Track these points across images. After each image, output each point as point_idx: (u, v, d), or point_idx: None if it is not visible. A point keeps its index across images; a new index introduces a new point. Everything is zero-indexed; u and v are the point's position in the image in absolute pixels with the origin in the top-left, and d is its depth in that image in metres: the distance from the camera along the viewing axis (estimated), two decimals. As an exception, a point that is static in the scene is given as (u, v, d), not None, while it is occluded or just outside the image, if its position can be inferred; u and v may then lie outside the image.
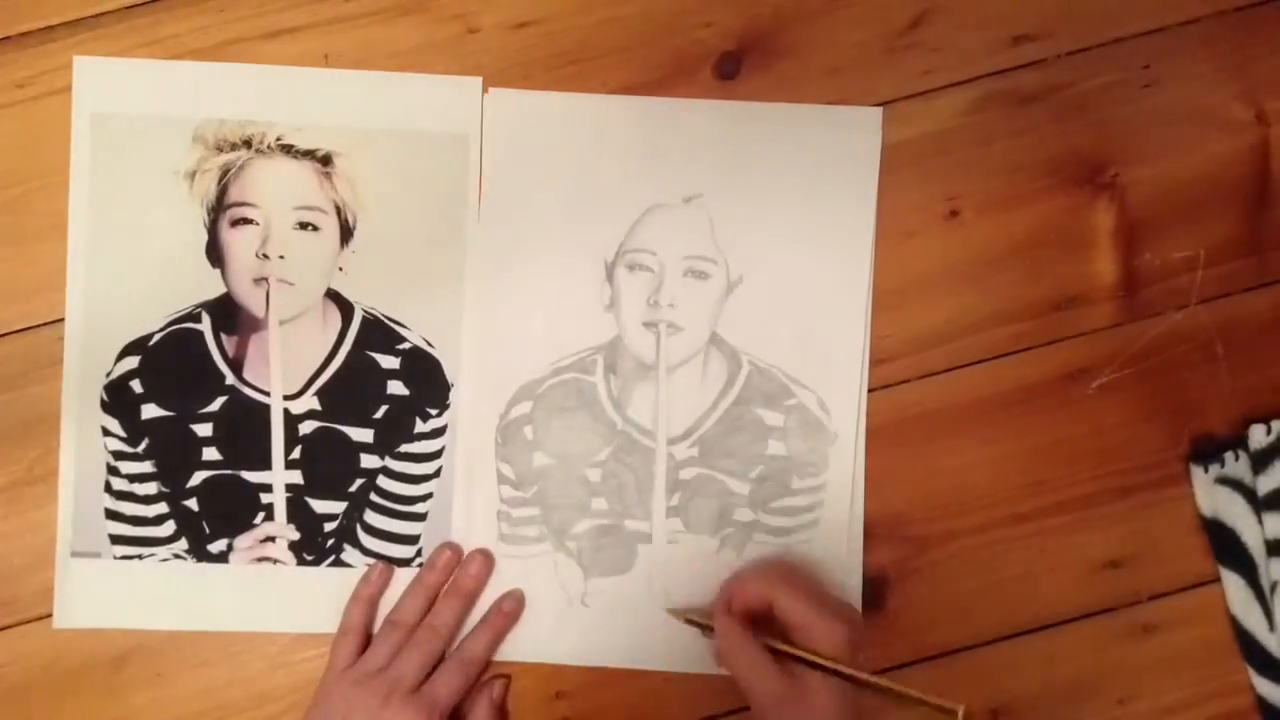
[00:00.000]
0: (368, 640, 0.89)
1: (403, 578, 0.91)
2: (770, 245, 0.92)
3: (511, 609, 0.91)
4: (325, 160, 0.92)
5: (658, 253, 0.92)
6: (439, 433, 0.92)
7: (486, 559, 0.91)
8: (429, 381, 0.92)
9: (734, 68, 0.92)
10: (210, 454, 0.92)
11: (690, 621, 0.88)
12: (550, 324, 0.92)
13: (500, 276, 0.92)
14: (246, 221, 0.91)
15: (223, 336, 0.92)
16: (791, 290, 0.92)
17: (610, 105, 0.92)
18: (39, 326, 0.91)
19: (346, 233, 0.92)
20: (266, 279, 0.91)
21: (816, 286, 0.92)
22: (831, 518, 0.91)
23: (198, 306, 0.92)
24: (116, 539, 0.91)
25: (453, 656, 0.88)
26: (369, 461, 0.92)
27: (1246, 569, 0.90)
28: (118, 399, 0.91)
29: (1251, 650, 0.90)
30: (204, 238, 0.91)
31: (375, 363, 0.92)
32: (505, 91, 0.92)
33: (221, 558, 0.92)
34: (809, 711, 0.78)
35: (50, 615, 0.91)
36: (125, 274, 0.91)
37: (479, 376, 0.92)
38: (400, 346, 0.92)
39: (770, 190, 0.92)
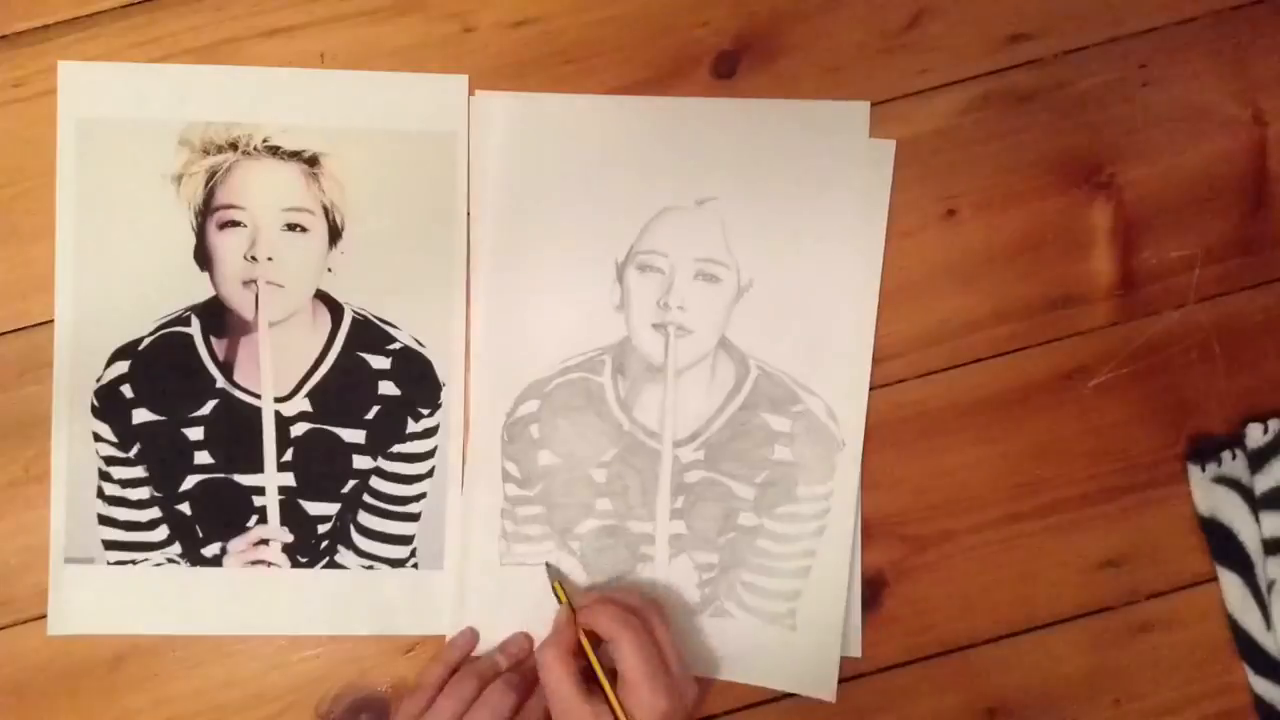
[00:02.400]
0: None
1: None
2: (781, 250, 0.94)
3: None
4: (312, 161, 0.94)
5: (669, 255, 0.95)
6: (431, 432, 0.95)
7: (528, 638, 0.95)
8: (420, 381, 0.95)
9: (731, 67, 0.94)
10: (202, 458, 0.94)
11: (556, 588, 0.91)
12: (560, 323, 0.95)
13: (509, 274, 0.95)
14: (234, 224, 0.94)
15: (212, 339, 0.95)
16: (801, 296, 0.94)
17: (607, 105, 0.95)
18: (34, 326, 0.94)
19: (335, 233, 0.95)
20: (255, 281, 0.94)
21: (827, 293, 0.94)
22: (837, 526, 0.94)
23: (187, 310, 0.94)
24: (110, 544, 0.94)
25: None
26: (361, 462, 0.95)
27: (1244, 568, 0.93)
28: (108, 404, 0.94)
29: (1249, 650, 0.93)
30: (192, 241, 0.94)
31: (366, 363, 0.95)
32: (494, 94, 0.95)
33: (215, 561, 0.94)
34: None
35: (46, 616, 0.93)
36: (114, 279, 0.94)
37: (486, 374, 0.95)
38: (391, 347, 0.95)
39: (782, 194, 0.95)
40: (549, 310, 0.96)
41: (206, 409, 0.95)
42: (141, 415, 0.95)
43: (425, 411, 0.96)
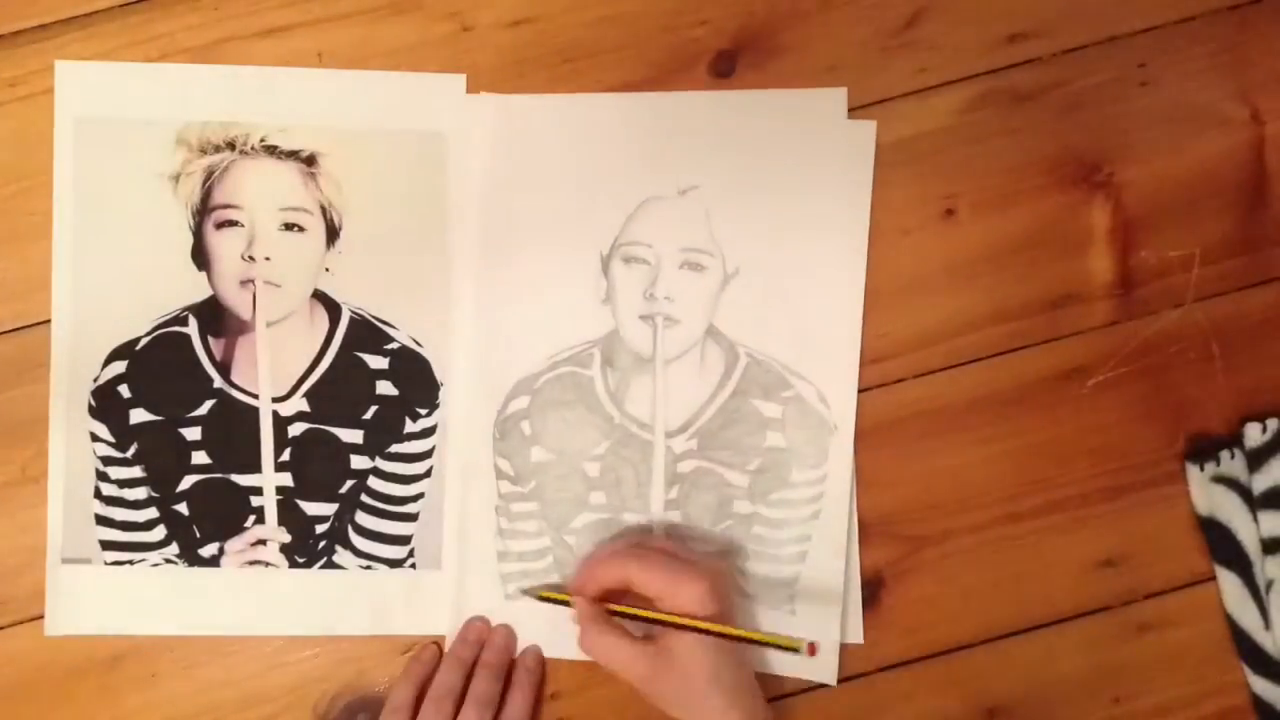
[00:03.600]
0: (412, 717, 0.91)
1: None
2: (766, 237, 0.95)
3: (534, 666, 0.94)
4: (309, 160, 0.95)
5: (654, 245, 0.95)
6: (429, 432, 0.95)
7: (509, 630, 0.95)
8: (418, 381, 0.95)
9: (729, 66, 0.95)
10: (200, 458, 0.94)
11: (547, 599, 0.92)
12: (547, 318, 0.95)
13: (496, 272, 0.95)
14: (231, 224, 0.94)
15: (210, 339, 0.95)
16: (788, 281, 0.95)
17: (588, 101, 0.95)
18: (32, 326, 0.94)
19: (332, 233, 0.95)
20: (253, 281, 0.94)
21: (814, 277, 0.95)
22: (832, 510, 0.94)
23: (184, 310, 0.94)
24: (107, 545, 0.94)
25: None
26: (359, 462, 0.95)
27: (1242, 567, 0.93)
28: (106, 404, 0.94)
29: (1247, 649, 0.93)
30: (189, 240, 0.94)
31: (363, 363, 0.95)
32: (488, 96, 0.95)
33: (213, 562, 0.94)
34: (683, 678, 0.84)
35: (43, 616, 0.93)
36: (111, 278, 0.94)
37: (475, 372, 0.95)
38: (388, 346, 0.95)
39: (765, 181, 0.95)
40: (536, 306, 0.96)
41: (204, 409, 0.95)
42: (139, 415, 0.95)
43: (423, 411, 0.96)
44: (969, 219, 0.96)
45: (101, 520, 0.94)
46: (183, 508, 0.95)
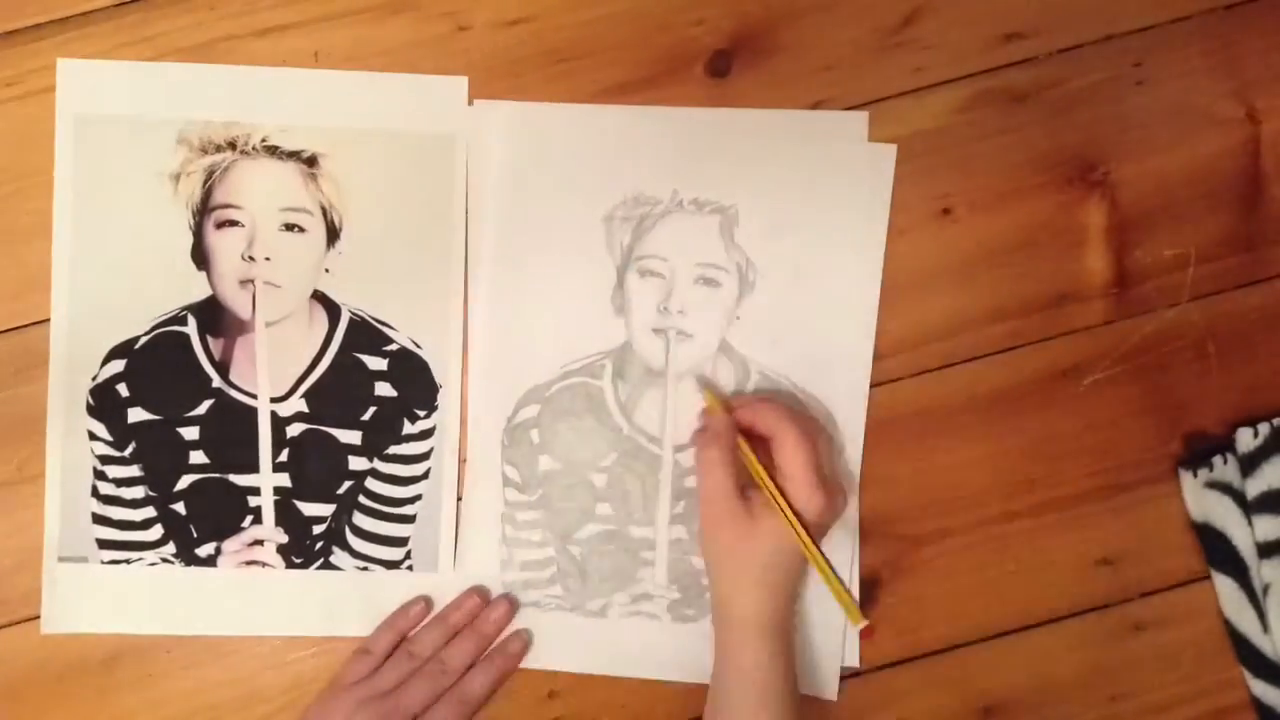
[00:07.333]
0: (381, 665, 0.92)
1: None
2: (782, 255, 0.94)
3: (517, 651, 0.93)
4: (311, 161, 0.94)
5: (669, 259, 0.94)
6: (427, 434, 0.94)
7: (511, 606, 0.94)
8: (417, 383, 0.94)
9: (726, 66, 0.94)
10: (197, 457, 0.94)
11: (708, 395, 0.92)
12: (560, 327, 0.95)
13: (510, 280, 0.94)
14: (232, 223, 0.93)
15: (209, 339, 0.94)
16: (802, 300, 0.94)
17: (607, 114, 0.94)
18: (29, 326, 0.93)
19: (333, 234, 0.94)
20: (252, 281, 0.93)
21: (827, 297, 0.94)
22: (838, 528, 0.92)
23: (183, 309, 0.94)
24: (104, 544, 0.93)
25: (453, 693, 0.90)
26: (357, 464, 0.94)
27: (1238, 572, 0.92)
28: (104, 403, 0.93)
29: (1246, 653, 0.92)
30: (189, 240, 0.93)
31: (362, 364, 0.94)
32: (494, 102, 0.94)
33: (210, 561, 0.94)
34: (747, 539, 0.86)
35: (39, 617, 0.93)
36: (110, 277, 0.93)
37: (486, 378, 0.95)
38: (387, 348, 0.94)
39: (783, 200, 0.94)
40: (549, 315, 0.95)
41: (202, 408, 0.94)
42: (137, 414, 0.94)
43: (421, 413, 0.95)
44: (965, 218, 0.95)
45: (99, 519, 0.94)
46: (180, 507, 0.94)
